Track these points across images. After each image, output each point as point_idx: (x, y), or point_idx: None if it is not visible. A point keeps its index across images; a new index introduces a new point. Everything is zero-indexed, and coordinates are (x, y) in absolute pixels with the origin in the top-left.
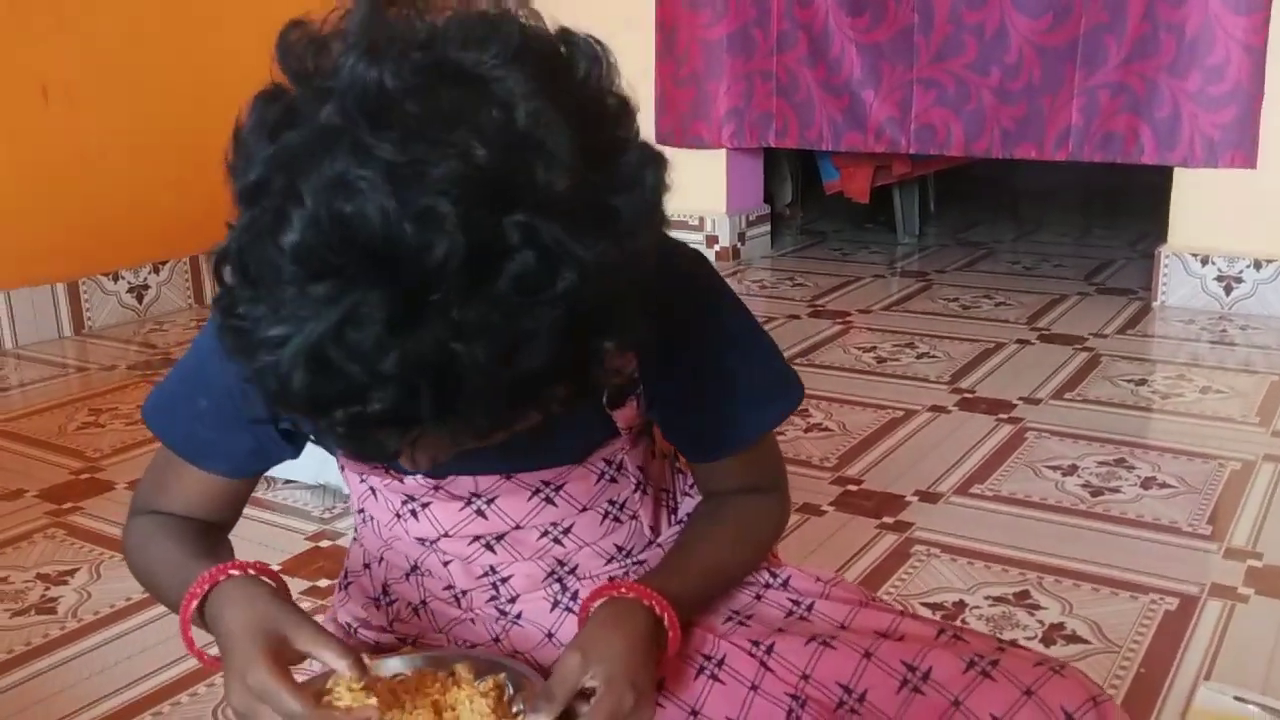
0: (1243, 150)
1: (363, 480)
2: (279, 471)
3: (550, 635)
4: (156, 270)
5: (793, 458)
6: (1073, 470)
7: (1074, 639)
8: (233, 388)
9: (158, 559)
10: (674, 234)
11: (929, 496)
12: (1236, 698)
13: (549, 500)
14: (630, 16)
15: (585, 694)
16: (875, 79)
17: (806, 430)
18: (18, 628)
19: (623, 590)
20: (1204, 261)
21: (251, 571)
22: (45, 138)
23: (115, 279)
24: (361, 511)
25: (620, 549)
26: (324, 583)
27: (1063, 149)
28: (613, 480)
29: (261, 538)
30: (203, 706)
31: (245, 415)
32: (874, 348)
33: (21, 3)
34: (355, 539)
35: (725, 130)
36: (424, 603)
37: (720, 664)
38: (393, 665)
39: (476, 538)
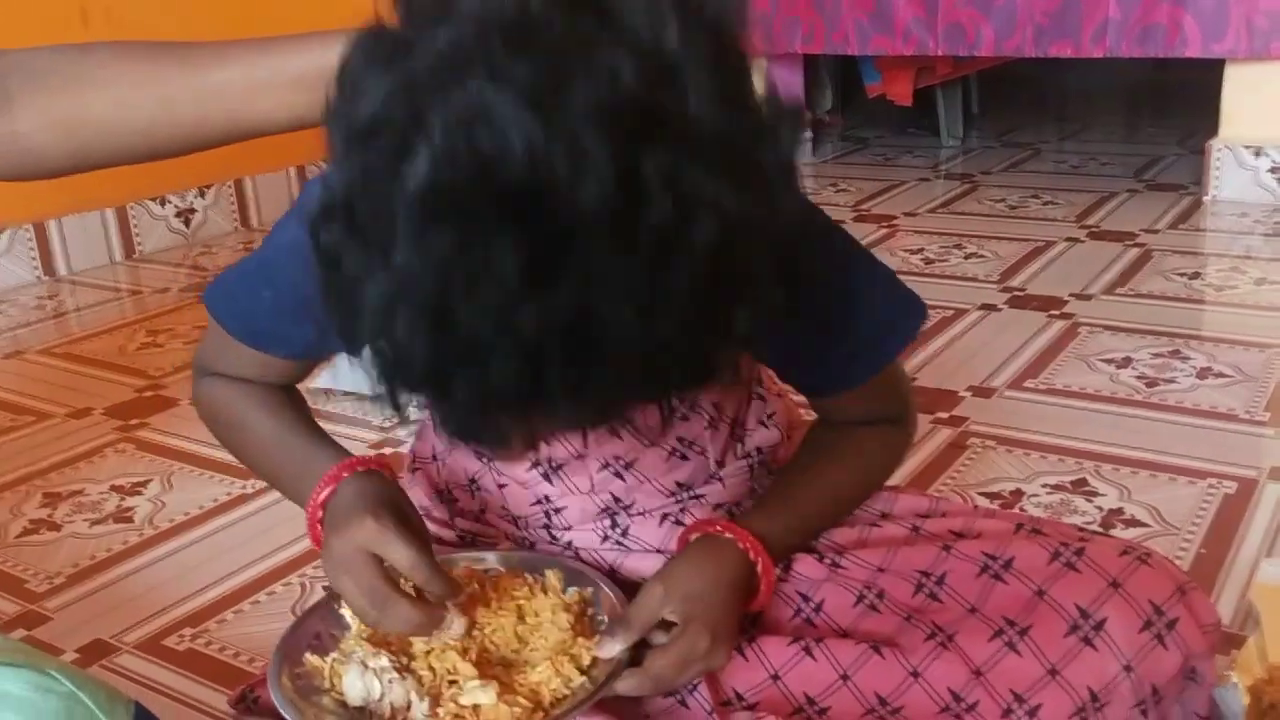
0: None
1: None
2: (338, 384)
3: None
4: (202, 194)
5: None
6: (1127, 362)
7: (1133, 523)
8: (299, 283)
9: (255, 430)
10: None
11: (982, 391)
12: None
13: (614, 433)
14: None
15: (665, 625)
16: None
17: None
18: (98, 536)
19: (719, 528)
20: (1257, 154)
21: (365, 468)
22: None
23: (162, 203)
24: (427, 407)
25: (681, 485)
26: None
27: (1099, 45)
28: (684, 418)
29: None
30: (282, 604)
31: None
32: (921, 249)
33: None
34: (424, 422)
35: (754, 35)
36: (482, 511)
37: (786, 568)
38: (488, 560)
39: (535, 463)
